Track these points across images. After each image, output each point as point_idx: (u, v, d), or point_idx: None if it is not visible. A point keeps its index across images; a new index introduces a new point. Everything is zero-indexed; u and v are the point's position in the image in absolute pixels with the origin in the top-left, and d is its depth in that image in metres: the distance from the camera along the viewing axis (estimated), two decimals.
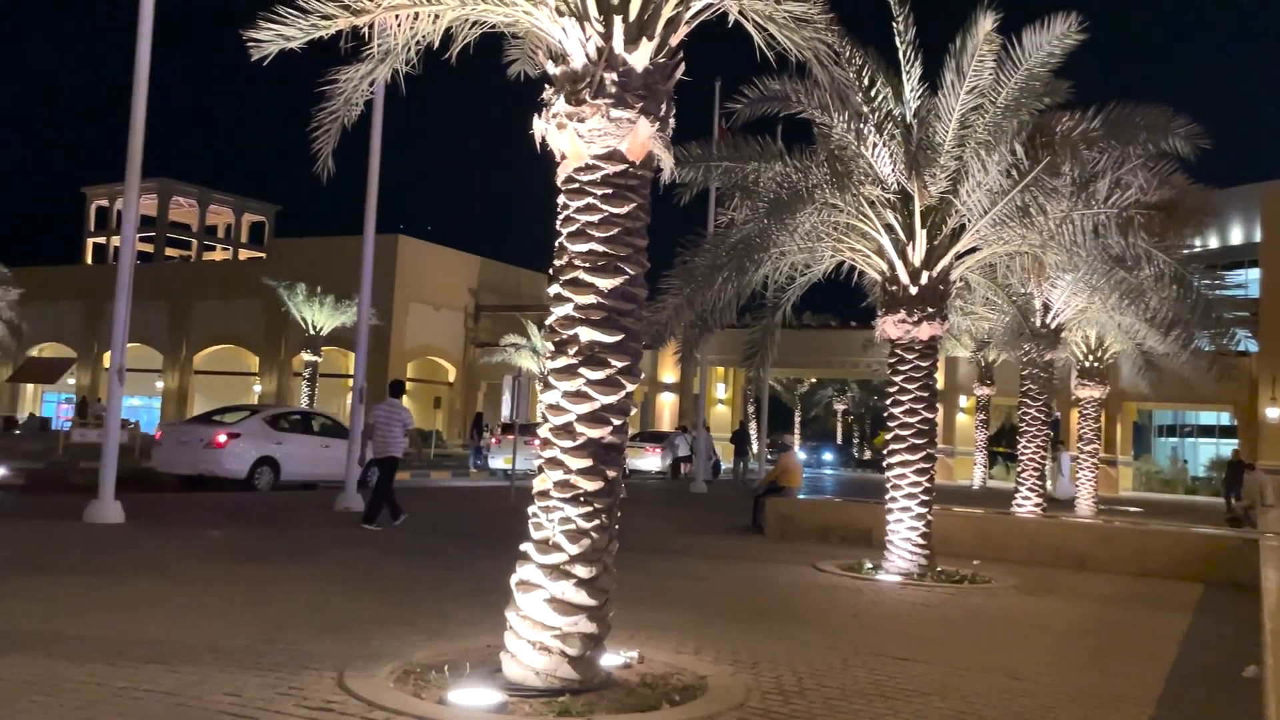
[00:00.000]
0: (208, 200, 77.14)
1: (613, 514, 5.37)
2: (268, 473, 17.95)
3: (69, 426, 31.52)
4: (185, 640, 5.87)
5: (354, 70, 6.95)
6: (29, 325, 35.45)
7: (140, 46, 12.19)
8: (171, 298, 45.66)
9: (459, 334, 46.85)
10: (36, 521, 11.66)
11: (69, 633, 5.92)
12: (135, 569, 8.55)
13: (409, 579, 8.91)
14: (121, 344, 12.43)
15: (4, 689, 4.68)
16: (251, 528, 12.29)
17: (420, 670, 5.30)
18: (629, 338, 5.45)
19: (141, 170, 12.73)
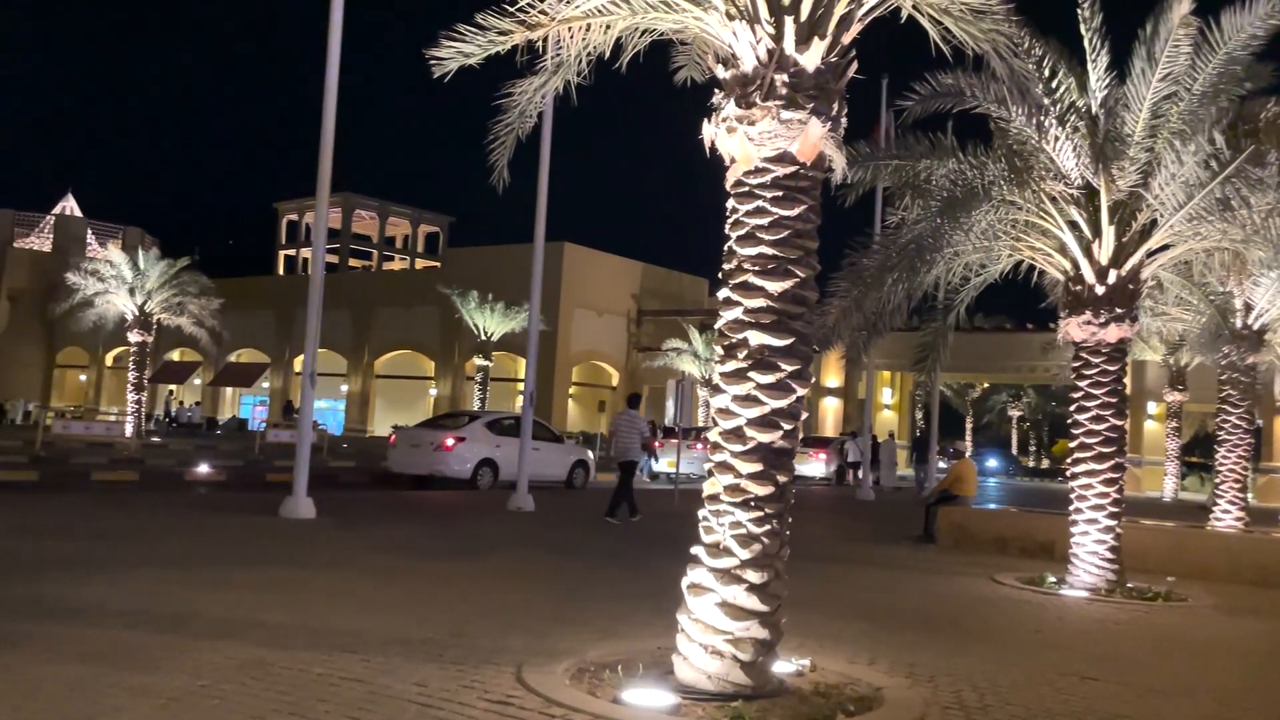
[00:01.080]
0: (387, 213, 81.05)
1: (784, 519, 5.32)
2: (488, 473, 19.20)
3: (264, 427, 33.73)
4: (375, 632, 6.17)
5: (528, 83, 7.15)
6: (228, 333, 38.05)
7: (329, 74, 12.94)
8: (354, 306, 48.16)
9: (622, 339, 47.52)
10: (237, 516, 12.52)
11: (271, 621, 6.33)
12: (327, 563, 9.06)
13: (580, 579, 9.09)
14: (313, 350, 13.20)
15: (218, 671, 5.04)
16: (431, 525, 12.82)
17: (594, 669, 5.40)
18: (799, 341, 5.39)
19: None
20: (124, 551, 8.96)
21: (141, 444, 28.97)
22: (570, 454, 22.17)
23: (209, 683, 4.82)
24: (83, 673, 4.86)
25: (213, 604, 6.80)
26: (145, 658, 5.22)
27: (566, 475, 21.41)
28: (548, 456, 20.75)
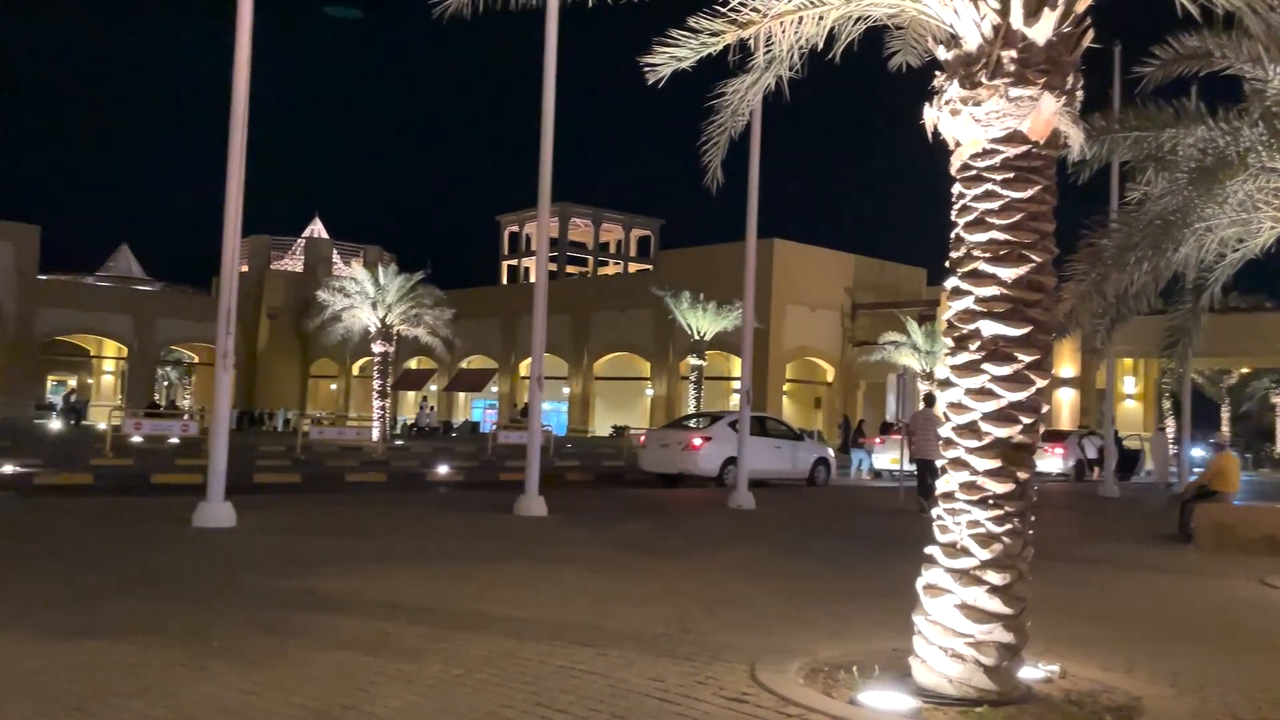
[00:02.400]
0: (600, 219, 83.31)
1: (1025, 518, 5.06)
2: (734, 471, 19.32)
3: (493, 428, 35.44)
4: (610, 626, 6.36)
5: (739, 81, 7.15)
6: (460, 341, 40.18)
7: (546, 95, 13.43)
8: (573, 311, 49.74)
9: (836, 334, 46.70)
10: (476, 514, 13.21)
11: (512, 614, 6.64)
12: (560, 558, 9.41)
13: (808, 577, 9.01)
14: (539, 354, 13.75)
15: (468, 661, 5.34)
16: (655, 522, 13.07)
17: (828, 669, 5.33)
18: (1037, 330, 5.11)
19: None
20: (379, 547, 9.65)
21: (387, 447, 31.11)
22: (812, 451, 22.16)
23: (462, 671, 5.11)
24: (349, 659, 5.26)
25: (459, 597, 7.21)
26: (402, 646, 5.60)
27: (809, 473, 21.40)
28: (789, 454, 20.96)
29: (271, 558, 8.70)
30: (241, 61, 11.20)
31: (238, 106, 11.18)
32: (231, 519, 10.72)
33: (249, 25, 11.22)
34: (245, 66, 11.23)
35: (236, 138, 11.21)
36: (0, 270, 50.95)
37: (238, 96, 11.18)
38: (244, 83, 11.23)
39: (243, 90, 11.21)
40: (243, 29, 11.20)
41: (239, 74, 11.19)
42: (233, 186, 11.27)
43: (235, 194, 11.30)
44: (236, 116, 11.19)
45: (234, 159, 11.24)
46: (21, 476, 16.50)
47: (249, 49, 11.24)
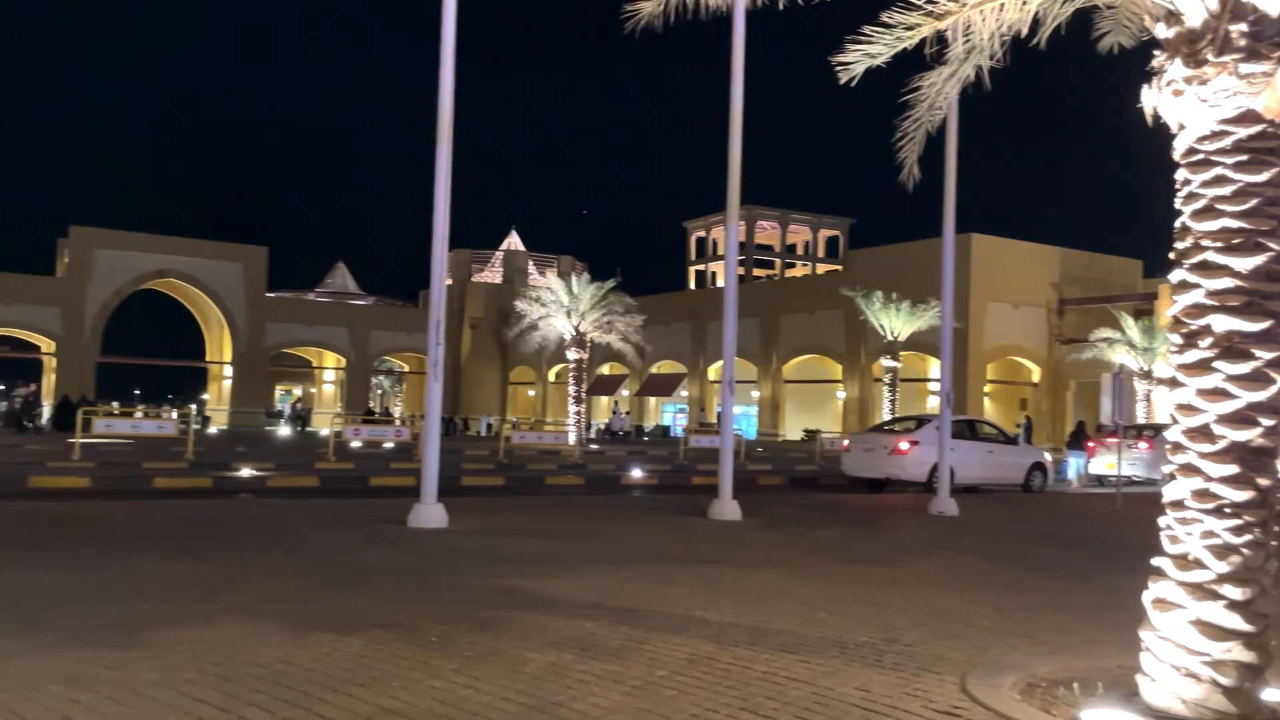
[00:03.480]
0: (787, 221, 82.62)
1: (1267, 528, 4.66)
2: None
3: (683, 433, 35.75)
4: (811, 633, 6.29)
5: (936, 74, 6.95)
6: (650, 346, 40.78)
7: (734, 101, 13.46)
8: (761, 314, 49.52)
9: (1041, 331, 44.45)
10: (670, 517, 13.36)
11: (713, 618, 6.68)
12: (758, 563, 9.39)
13: (1019, 587, 8.61)
14: (730, 358, 13.77)
15: (671, 663, 5.41)
16: (854, 528, 12.83)
17: (1046, 685, 5.09)
18: (1277, 324, 4.70)
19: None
20: (580, 549, 9.92)
21: (583, 451, 31.94)
22: (1026, 456, 21.29)
23: (665, 673, 5.18)
24: (556, 659, 5.44)
25: (659, 599, 7.31)
26: (606, 647, 5.73)
27: (1024, 478, 20.55)
28: (1002, 459, 20.22)
29: (481, 557, 9.10)
30: (445, 92, 11.79)
31: (443, 132, 11.79)
32: (443, 520, 11.29)
33: (451, 58, 11.80)
34: (449, 96, 11.81)
35: (442, 161, 11.82)
36: (233, 289, 55.70)
37: (443, 123, 11.78)
38: (448, 111, 11.81)
39: (447, 118, 11.80)
40: (446, 62, 11.78)
41: (443, 103, 11.79)
42: (440, 206, 11.89)
43: (442, 213, 11.91)
44: (442, 141, 11.79)
45: (440, 180, 11.85)
46: (257, 480, 17.95)
47: (452, 82, 11.82)
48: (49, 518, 10.74)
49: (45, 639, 5.45)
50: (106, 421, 25.89)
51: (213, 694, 4.55)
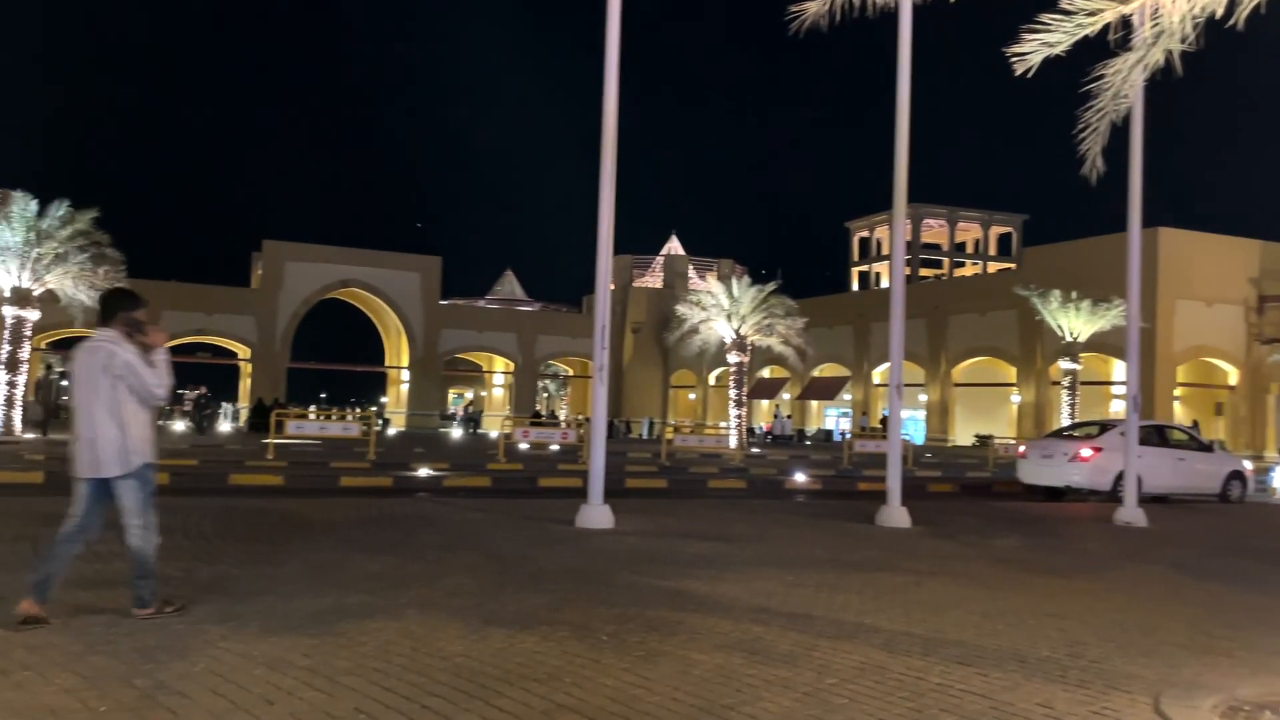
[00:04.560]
0: (955, 219, 80.00)
1: None
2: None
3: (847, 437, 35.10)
4: (988, 645, 6.07)
5: (1121, 61, 6.60)
6: (812, 349, 40.27)
7: (900, 96, 13.15)
8: (928, 315, 48.12)
9: (1238, 330, 41.46)
10: (836, 523, 13.15)
11: (883, 626, 6.54)
12: (929, 571, 9.12)
13: (1216, 603, 8.05)
14: (898, 361, 13.44)
15: (841, 671, 5.33)
16: (1031, 538, 12.29)
17: (1250, 709, 4.75)
18: None
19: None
20: (745, 552, 9.90)
21: (744, 455, 31.83)
22: (1223, 464, 19.91)
23: (835, 681, 5.11)
24: (724, 662, 5.44)
25: (826, 605, 7.21)
26: (775, 652, 5.70)
27: (1220, 488, 19.28)
28: (1195, 467, 18.95)
29: (647, 558, 9.21)
30: (609, 103, 12.01)
31: (607, 143, 12.01)
32: (610, 521, 11.48)
33: (615, 70, 12.01)
34: (613, 107, 12.03)
35: (606, 170, 12.04)
36: (410, 297, 58.38)
37: (606, 135, 12.00)
38: (612, 122, 12.02)
39: (611, 129, 12.01)
40: (610, 73, 12.00)
41: (607, 114, 12.01)
42: (604, 215, 12.11)
43: (606, 222, 12.13)
44: (606, 152, 12.01)
45: (605, 190, 12.07)
46: (433, 479, 18.72)
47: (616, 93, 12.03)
48: (248, 514, 11.53)
49: (246, 626, 5.85)
50: (297, 424, 27.58)
51: (399, 684, 4.78)
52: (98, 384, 5.84)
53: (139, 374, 5.86)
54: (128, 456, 5.87)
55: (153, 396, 5.94)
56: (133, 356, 5.88)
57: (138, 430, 5.92)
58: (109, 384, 5.83)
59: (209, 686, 4.60)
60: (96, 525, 6.01)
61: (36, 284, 27.98)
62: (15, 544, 8.43)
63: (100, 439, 5.83)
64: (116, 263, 29.23)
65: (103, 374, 5.83)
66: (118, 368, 5.83)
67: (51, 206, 27.89)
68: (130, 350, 5.89)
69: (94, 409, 5.84)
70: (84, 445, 5.87)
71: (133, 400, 5.89)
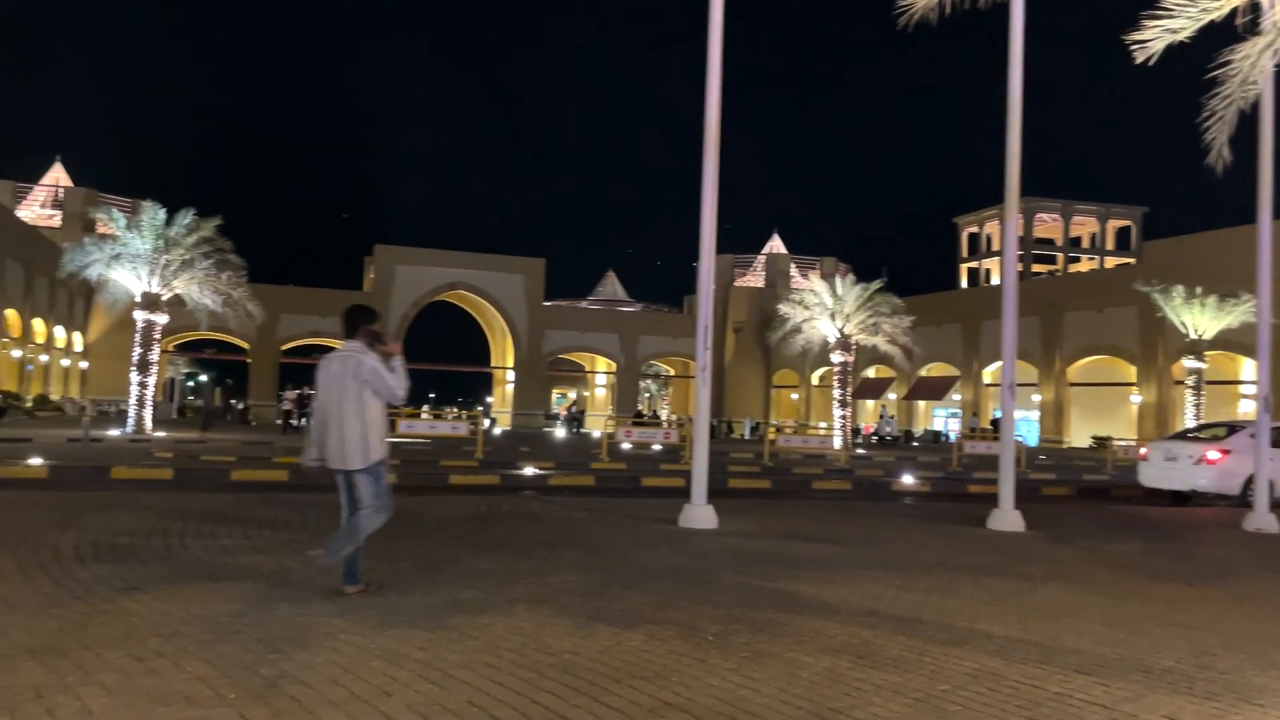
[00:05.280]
0: (1070, 212, 77.41)
1: None
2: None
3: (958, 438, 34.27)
4: (1109, 654, 5.86)
5: (1249, 46, 6.32)
6: (918, 348, 39.47)
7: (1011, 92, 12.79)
8: (1042, 312, 46.67)
9: None
10: (945, 526, 12.86)
11: (996, 633, 6.37)
12: (1044, 577, 8.85)
13: None
14: (1010, 359, 13.07)
15: (953, 677, 5.22)
16: (1154, 543, 11.81)
17: None
18: None
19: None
20: (852, 554, 9.77)
21: (849, 455, 31.40)
22: None
23: (948, 687, 5.01)
24: (832, 665, 5.39)
25: (936, 610, 7.06)
26: (884, 656, 5.61)
27: None
28: None
29: (752, 559, 9.17)
30: (712, 104, 12.00)
31: (709, 144, 12.00)
32: (713, 521, 11.47)
33: (718, 68, 12.00)
34: (715, 107, 12.01)
35: (709, 171, 12.03)
36: (514, 298, 59.40)
37: (709, 135, 11.99)
38: (714, 122, 12.02)
39: (714, 129, 12.01)
40: (712, 72, 12.00)
41: (710, 115, 12.01)
42: (706, 216, 12.10)
43: (709, 222, 12.12)
44: (709, 153, 12.01)
45: (707, 191, 12.06)
46: (539, 478, 19.01)
47: (718, 93, 12.02)
48: None
49: (364, 619, 6.04)
50: (408, 423, 28.34)
51: (509, 678, 4.88)
52: (346, 388, 6.63)
53: (383, 378, 6.64)
54: (369, 453, 6.65)
55: (395, 397, 6.73)
56: (377, 363, 6.67)
57: (378, 430, 6.71)
58: (357, 388, 6.62)
59: (329, 677, 4.77)
60: (388, 505, 6.87)
61: (165, 289, 29.42)
62: (149, 538, 8.89)
63: (349, 437, 6.61)
64: (238, 268, 30.55)
65: (352, 379, 6.62)
66: (365, 373, 6.62)
67: (178, 215, 29.30)
68: (374, 358, 6.69)
69: (344, 410, 6.62)
70: (334, 442, 6.65)
71: (375, 402, 6.68)
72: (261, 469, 17.48)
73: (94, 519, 9.83)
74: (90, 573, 7.16)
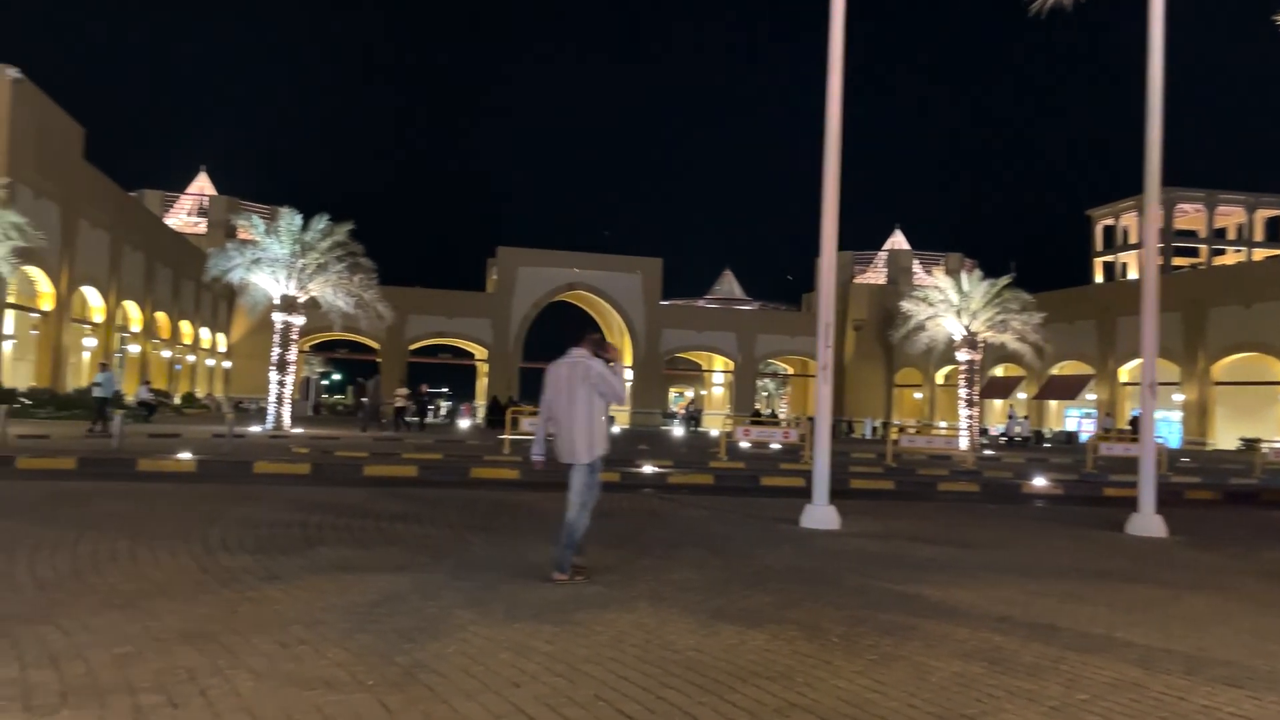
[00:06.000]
0: (1215, 202, 73.47)
1: None
2: None
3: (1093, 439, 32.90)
4: (1260, 666, 5.55)
5: None
6: (1050, 346, 38.03)
7: (1150, 81, 12.22)
8: (1184, 308, 44.44)
9: None
10: (1080, 530, 12.37)
11: (1137, 641, 6.10)
12: (1189, 585, 8.43)
13: None
14: (1151, 358, 12.50)
15: (1092, 686, 5.02)
16: None
17: None
18: None
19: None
20: (981, 558, 9.50)
21: (976, 457, 30.51)
22: None
23: (1087, 697, 4.82)
24: (964, 670, 5.25)
25: (1071, 616, 6.81)
26: (1018, 663, 5.44)
27: None
28: None
29: (876, 561, 9.01)
30: (833, 100, 11.84)
31: (830, 141, 11.85)
32: (835, 522, 11.32)
33: (839, 65, 11.83)
34: (836, 104, 11.85)
35: (830, 167, 11.88)
36: (632, 297, 59.82)
37: (830, 133, 11.84)
38: (835, 119, 11.86)
39: (835, 126, 11.85)
40: (834, 68, 11.83)
41: (830, 112, 11.85)
42: (827, 212, 11.95)
43: (830, 219, 11.97)
44: (830, 150, 11.85)
45: (828, 186, 11.91)
46: (658, 476, 19.10)
47: (840, 88, 11.85)
48: (489, 505, 12.18)
49: (492, 612, 6.19)
50: (531, 421, 28.83)
51: (635, 674, 4.92)
52: (576, 390, 7.36)
53: (609, 381, 7.43)
54: (592, 449, 7.38)
55: (618, 398, 7.52)
56: (604, 368, 7.44)
57: (601, 429, 7.44)
58: (586, 391, 7.36)
59: (460, 667, 4.91)
60: (594, 497, 7.55)
61: (301, 292, 30.71)
62: (289, 529, 9.30)
63: (577, 434, 7.32)
64: (369, 271, 31.65)
65: (581, 382, 7.36)
66: (594, 377, 7.38)
67: (313, 220, 30.54)
68: (600, 363, 7.45)
69: (574, 411, 7.35)
70: (564, 438, 7.37)
71: (600, 403, 7.42)
72: (392, 464, 18.07)
73: (238, 511, 10.35)
74: (236, 562, 7.54)
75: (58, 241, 32.95)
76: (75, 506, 10.24)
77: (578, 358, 7.50)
